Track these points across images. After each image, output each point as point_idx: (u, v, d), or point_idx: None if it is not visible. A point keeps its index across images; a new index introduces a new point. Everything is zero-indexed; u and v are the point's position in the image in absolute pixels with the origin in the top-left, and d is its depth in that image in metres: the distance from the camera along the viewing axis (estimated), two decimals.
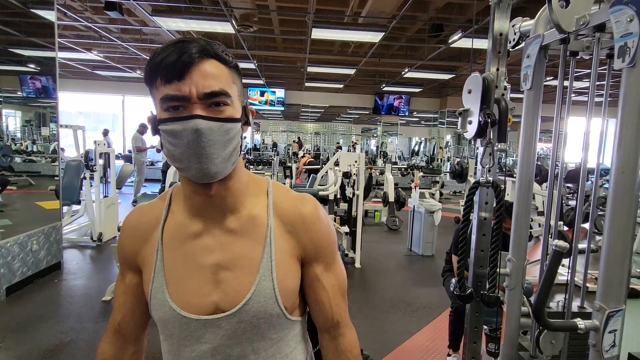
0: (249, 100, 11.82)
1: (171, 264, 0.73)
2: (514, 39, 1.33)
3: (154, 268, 0.74)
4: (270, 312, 0.72)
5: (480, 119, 1.21)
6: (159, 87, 0.65)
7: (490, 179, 1.25)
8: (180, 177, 0.73)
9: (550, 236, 1.28)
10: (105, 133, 9.34)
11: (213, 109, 0.65)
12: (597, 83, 1.14)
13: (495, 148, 1.22)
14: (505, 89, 1.32)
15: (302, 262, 0.78)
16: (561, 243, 0.96)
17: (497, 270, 1.25)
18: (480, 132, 1.23)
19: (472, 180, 6.54)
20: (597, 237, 5.14)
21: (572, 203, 6.22)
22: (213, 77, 0.65)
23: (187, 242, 0.74)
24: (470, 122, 1.27)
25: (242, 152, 0.72)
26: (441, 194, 9.24)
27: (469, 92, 1.27)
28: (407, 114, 12.56)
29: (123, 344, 0.83)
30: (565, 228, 4.39)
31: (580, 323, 1.01)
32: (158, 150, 7.83)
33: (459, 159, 9.72)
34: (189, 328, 0.71)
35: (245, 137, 0.74)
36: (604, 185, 5.86)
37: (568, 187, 7.21)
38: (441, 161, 13.13)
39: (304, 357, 0.83)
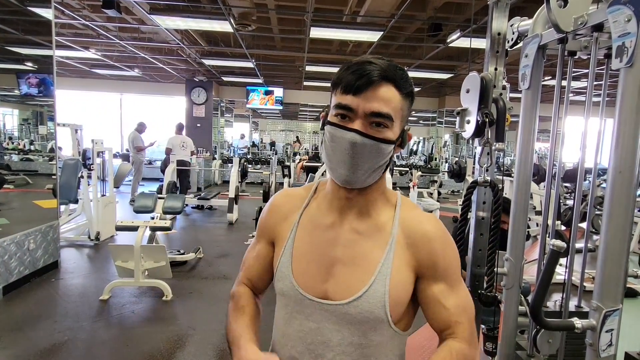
0: (252, 106, 11.83)
1: (300, 245, 0.83)
2: (512, 39, 1.33)
3: (285, 244, 0.84)
4: (376, 315, 0.75)
5: (478, 119, 1.21)
6: (338, 94, 0.74)
7: (488, 178, 1.25)
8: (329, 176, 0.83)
9: (547, 235, 1.29)
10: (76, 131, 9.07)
11: (373, 127, 0.73)
12: (595, 83, 1.14)
13: (493, 147, 1.22)
14: (504, 88, 1.32)
15: (418, 278, 0.80)
16: (559, 242, 0.96)
17: (495, 269, 1.25)
18: (478, 132, 1.23)
19: (470, 179, 6.55)
20: (595, 237, 5.15)
21: (570, 202, 6.23)
22: (383, 100, 0.72)
23: (317, 230, 0.83)
24: (468, 122, 1.27)
25: (386, 169, 0.80)
26: (439, 193, 9.24)
27: (467, 91, 1.27)
28: None
29: (252, 290, 0.93)
30: (563, 227, 4.40)
31: (578, 322, 1.02)
32: (167, 152, 7.75)
33: (457, 159, 9.73)
34: (302, 304, 0.80)
35: (394, 156, 0.81)
36: (602, 185, 5.88)
37: (566, 186, 7.24)
38: (439, 160, 13.14)
39: None
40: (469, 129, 1.25)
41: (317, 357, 0.79)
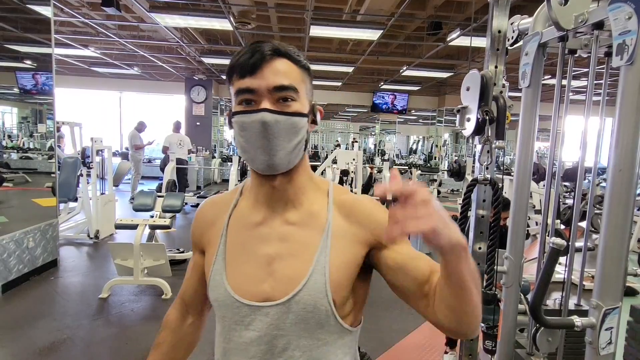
0: None
1: (232, 249, 0.78)
2: (512, 37, 1.32)
3: (216, 251, 0.78)
4: (320, 306, 0.72)
5: (479, 117, 1.21)
6: (235, 82, 0.71)
7: (488, 176, 1.25)
8: (250, 171, 0.78)
9: (547, 234, 1.29)
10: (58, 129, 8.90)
11: (281, 103, 0.69)
12: (595, 82, 1.14)
13: (493, 145, 1.22)
14: (503, 86, 1.32)
15: (376, 251, 0.75)
16: (559, 241, 0.96)
17: (495, 267, 1.25)
18: (479, 130, 1.22)
19: (469, 178, 6.55)
20: (594, 236, 5.16)
21: (569, 201, 6.24)
22: (283, 73, 0.70)
23: (248, 229, 0.78)
24: (468, 120, 1.26)
25: (307, 149, 0.76)
26: (439, 192, 9.25)
27: (468, 89, 1.27)
28: (406, 105, 12.48)
29: (185, 313, 0.92)
30: (562, 226, 4.41)
31: (577, 321, 1.02)
32: (164, 151, 7.74)
33: (456, 157, 9.74)
34: (240, 312, 0.74)
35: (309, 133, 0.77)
36: (601, 184, 5.88)
37: (565, 185, 7.24)
38: (438, 159, 13.15)
39: None
40: (469, 127, 1.25)
41: None
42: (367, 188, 7.47)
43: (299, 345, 0.73)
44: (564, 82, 1.19)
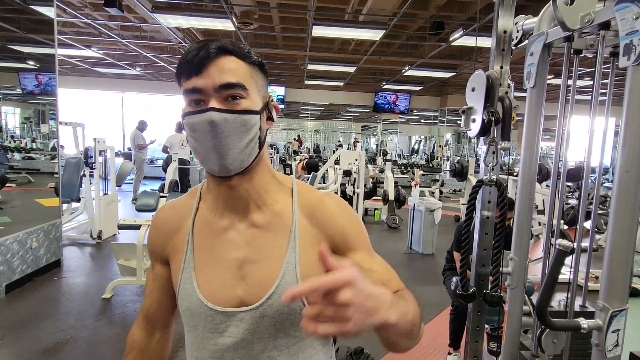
0: None
1: (200, 256, 0.75)
2: (516, 37, 1.32)
3: (184, 259, 0.76)
4: (294, 307, 0.71)
5: (484, 117, 1.21)
6: (183, 82, 0.69)
7: (494, 177, 1.24)
8: (205, 173, 0.76)
9: (551, 235, 1.28)
10: None
11: (229, 102, 0.67)
12: (601, 82, 1.13)
13: (498, 146, 1.22)
14: (509, 87, 1.31)
15: (333, 253, 0.75)
16: (565, 242, 0.95)
17: (500, 269, 1.24)
18: (484, 130, 1.22)
19: (472, 178, 6.54)
20: (597, 237, 5.13)
21: (572, 202, 6.21)
22: (229, 71, 0.67)
23: (215, 236, 0.75)
24: (473, 121, 1.26)
25: (263, 147, 0.73)
26: (441, 192, 9.24)
27: (473, 89, 1.26)
28: (408, 105, 12.46)
29: (151, 329, 0.87)
30: (565, 227, 4.39)
31: (584, 322, 1.01)
32: (164, 150, 7.76)
33: (458, 157, 9.72)
34: (214, 320, 0.72)
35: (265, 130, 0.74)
36: (604, 184, 5.86)
37: (568, 185, 7.22)
38: (440, 159, 13.14)
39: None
40: (475, 128, 1.25)
41: None
42: (372, 193, 7.48)
43: (276, 345, 0.73)
44: (569, 82, 1.19)
